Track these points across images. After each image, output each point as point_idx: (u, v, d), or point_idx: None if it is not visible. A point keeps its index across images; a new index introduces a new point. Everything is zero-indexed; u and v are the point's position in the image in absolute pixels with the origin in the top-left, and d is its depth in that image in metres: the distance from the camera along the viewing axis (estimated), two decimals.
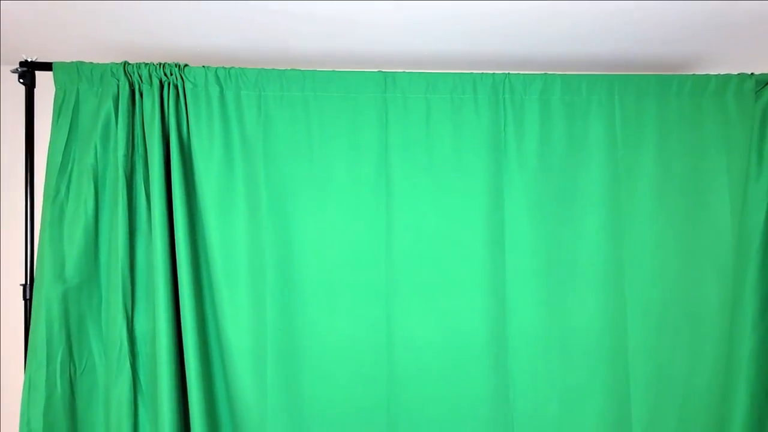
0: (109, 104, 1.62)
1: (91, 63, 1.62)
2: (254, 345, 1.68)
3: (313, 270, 1.71)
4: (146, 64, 1.63)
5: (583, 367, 1.78)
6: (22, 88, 1.64)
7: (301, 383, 1.70)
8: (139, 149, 1.65)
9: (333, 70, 1.72)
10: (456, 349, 1.75)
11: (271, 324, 1.67)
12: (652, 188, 1.80)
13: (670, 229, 1.79)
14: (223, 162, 1.67)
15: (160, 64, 1.63)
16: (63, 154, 1.60)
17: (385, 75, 1.73)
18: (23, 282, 1.63)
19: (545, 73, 1.79)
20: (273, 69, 1.69)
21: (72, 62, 1.62)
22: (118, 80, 1.62)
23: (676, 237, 1.80)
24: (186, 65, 1.66)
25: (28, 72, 1.61)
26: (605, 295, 1.79)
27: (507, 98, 1.78)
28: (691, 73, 1.84)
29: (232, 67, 1.67)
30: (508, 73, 1.78)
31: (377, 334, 1.73)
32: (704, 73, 1.83)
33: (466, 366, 1.75)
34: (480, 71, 1.77)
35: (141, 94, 1.64)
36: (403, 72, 1.74)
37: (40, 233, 1.59)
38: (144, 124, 1.64)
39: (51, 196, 1.60)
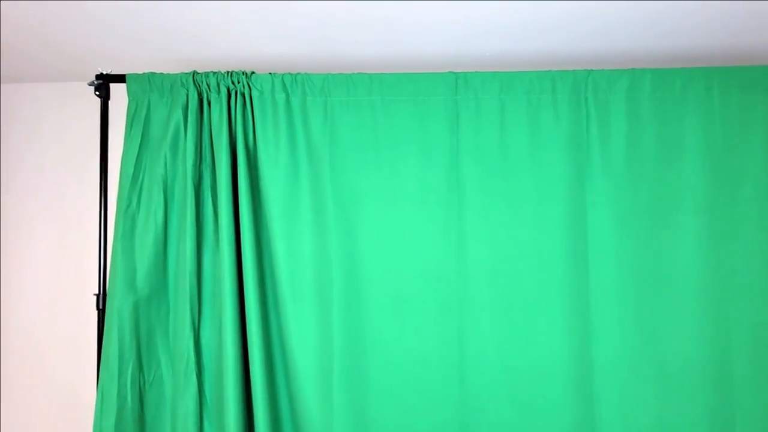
0: (178, 114, 1.62)
1: (162, 74, 1.64)
2: (320, 362, 1.61)
3: (381, 283, 1.63)
4: (214, 73, 1.62)
5: (681, 396, 1.59)
6: (89, 101, 1.68)
7: (367, 403, 1.61)
8: (207, 158, 1.64)
9: (401, 73, 1.64)
10: (535, 372, 1.61)
11: (337, 340, 1.60)
12: (759, 193, 1.60)
13: None
14: (289, 170, 1.63)
15: (228, 72, 1.62)
16: (135, 165, 1.62)
17: (456, 76, 1.64)
18: (97, 292, 1.65)
19: (632, 68, 1.63)
20: (339, 74, 1.64)
21: (144, 73, 1.64)
22: (188, 90, 1.62)
23: None
24: (253, 72, 1.64)
25: (103, 84, 1.65)
26: (706, 314, 1.59)
27: (590, 97, 1.64)
28: None
29: (299, 73, 1.64)
30: (591, 70, 1.63)
31: (448, 352, 1.62)
32: None
33: (547, 390, 1.60)
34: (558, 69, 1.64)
35: (209, 103, 1.63)
36: (476, 72, 1.64)
37: (113, 244, 1.60)
38: (212, 132, 1.63)
39: (123, 207, 1.61)
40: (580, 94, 1.64)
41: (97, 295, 1.64)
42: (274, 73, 1.63)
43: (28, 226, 1.99)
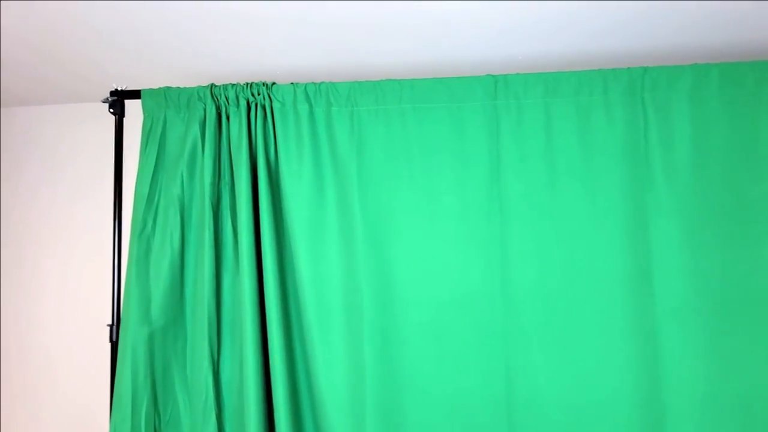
0: (195, 130, 1.52)
1: (179, 88, 1.54)
2: (351, 398, 1.45)
3: (417, 310, 1.47)
4: (233, 85, 1.51)
5: None
6: (104, 121, 1.60)
7: None
8: (226, 176, 1.52)
9: (434, 78, 1.50)
10: (595, 411, 1.41)
11: (369, 373, 1.44)
12: None
13: None
14: (314, 186, 1.50)
15: (248, 84, 1.51)
16: (150, 185, 1.51)
17: (495, 78, 1.49)
18: (110, 323, 1.54)
19: (696, 64, 1.45)
20: (366, 81, 1.50)
21: (160, 88, 1.54)
22: (205, 104, 1.52)
23: None
24: (274, 83, 1.52)
25: (117, 101, 1.56)
26: None
27: (647, 97, 1.46)
28: None
29: (323, 82, 1.51)
30: (647, 67, 1.46)
31: (494, 388, 1.44)
32: None
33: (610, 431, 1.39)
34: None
35: (228, 117, 1.52)
36: (516, 74, 1.48)
37: (126, 270, 1.49)
38: (231, 148, 1.51)
39: (138, 230, 1.50)
40: (635, 95, 1.46)
41: (111, 326, 1.52)
42: (296, 83, 1.51)
43: (44, 252, 1.91)
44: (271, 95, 1.51)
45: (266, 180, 1.49)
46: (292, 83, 1.52)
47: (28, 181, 1.94)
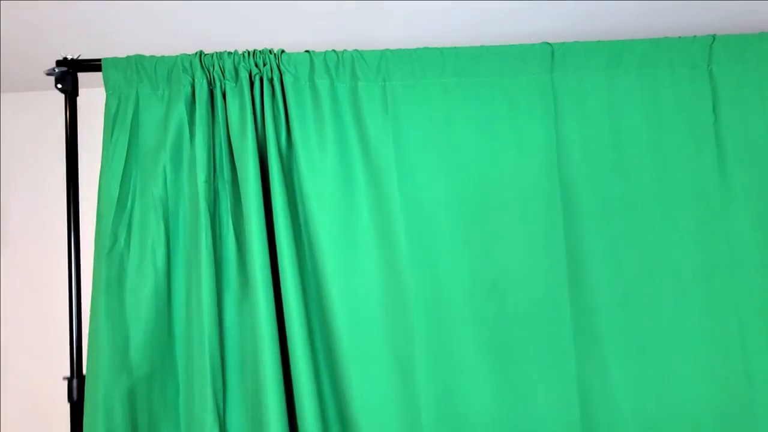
0: (180, 111, 1.15)
1: (154, 56, 1.17)
2: None
3: (473, 323, 1.21)
4: (230, 53, 1.17)
5: None
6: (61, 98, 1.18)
7: None
8: (225, 171, 1.17)
9: (481, 46, 1.25)
10: None
11: (425, 411, 1.15)
12: None
13: None
14: (341, 181, 1.19)
15: (249, 51, 1.17)
16: (121, 185, 1.13)
17: (551, 47, 1.26)
18: (68, 375, 1.12)
19: (765, 32, 1.30)
20: (401, 49, 1.22)
21: (129, 56, 1.16)
22: (193, 77, 1.16)
23: None
24: (283, 51, 1.19)
25: (68, 74, 1.15)
26: None
27: (715, 69, 1.29)
28: None
29: (346, 50, 1.21)
30: (716, 35, 1.29)
31: (566, 412, 1.21)
32: None
33: None
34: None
35: (224, 95, 1.17)
36: (576, 42, 1.27)
37: (92, 301, 1.09)
38: (230, 135, 1.16)
39: (106, 247, 1.11)
40: (702, 67, 1.29)
41: (69, 380, 1.11)
42: (313, 51, 1.20)
43: None
44: (281, 66, 1.18)
45: (279, 175, 1.15)
46: (307, 51, 1.20)
47: None
